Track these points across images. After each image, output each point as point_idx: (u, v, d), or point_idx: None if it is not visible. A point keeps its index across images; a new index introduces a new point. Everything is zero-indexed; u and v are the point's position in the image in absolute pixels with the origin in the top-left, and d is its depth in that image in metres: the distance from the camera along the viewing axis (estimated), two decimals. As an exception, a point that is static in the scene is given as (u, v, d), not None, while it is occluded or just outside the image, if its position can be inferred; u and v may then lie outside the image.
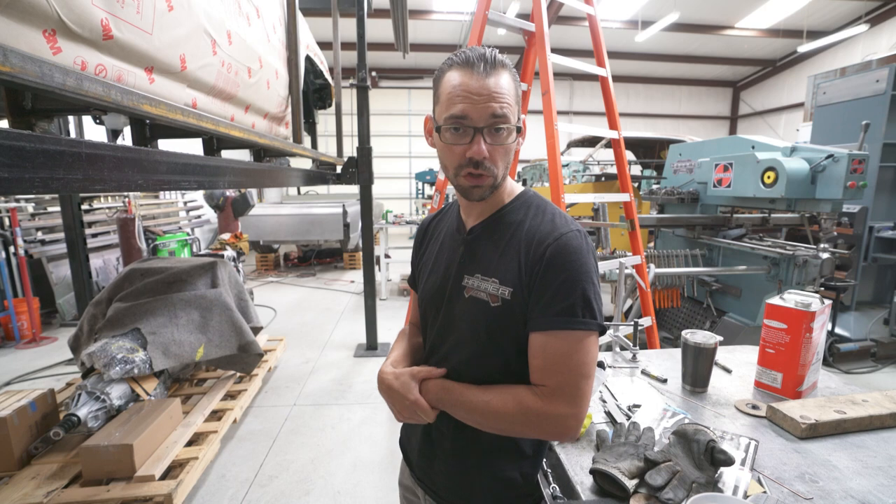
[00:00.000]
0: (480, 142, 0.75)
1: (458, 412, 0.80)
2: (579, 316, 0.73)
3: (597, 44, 2.68)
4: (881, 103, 3.82)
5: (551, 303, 0.74)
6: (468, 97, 0.74)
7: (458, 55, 0.77)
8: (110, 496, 1.88)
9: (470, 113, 0.74)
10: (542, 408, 0.73)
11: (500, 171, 0.80)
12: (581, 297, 0.74)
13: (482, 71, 0.74)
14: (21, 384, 3.48)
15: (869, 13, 9.96)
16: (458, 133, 0.76)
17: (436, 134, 0.80)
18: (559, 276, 0.74)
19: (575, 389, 0.73)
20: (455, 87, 0.75)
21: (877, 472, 0.86)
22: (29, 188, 0.86)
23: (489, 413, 0.76)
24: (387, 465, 2.49)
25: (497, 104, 0.74)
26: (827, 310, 1.20)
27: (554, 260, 0.75)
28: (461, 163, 0.77)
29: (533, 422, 0.74)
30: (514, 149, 0.81)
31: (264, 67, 2.21)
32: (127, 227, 4.99)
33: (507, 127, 0.76)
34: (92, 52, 1.13)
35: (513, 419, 0.75)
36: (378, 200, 9.55)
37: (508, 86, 0.76)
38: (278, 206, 8.02)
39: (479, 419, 0.78)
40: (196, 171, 1.53)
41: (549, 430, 0.75)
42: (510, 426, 0.76)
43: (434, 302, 0.90)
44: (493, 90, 0.74)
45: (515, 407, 0.74)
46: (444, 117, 0.77)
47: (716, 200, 3.54)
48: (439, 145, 0.81)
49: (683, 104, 15.09)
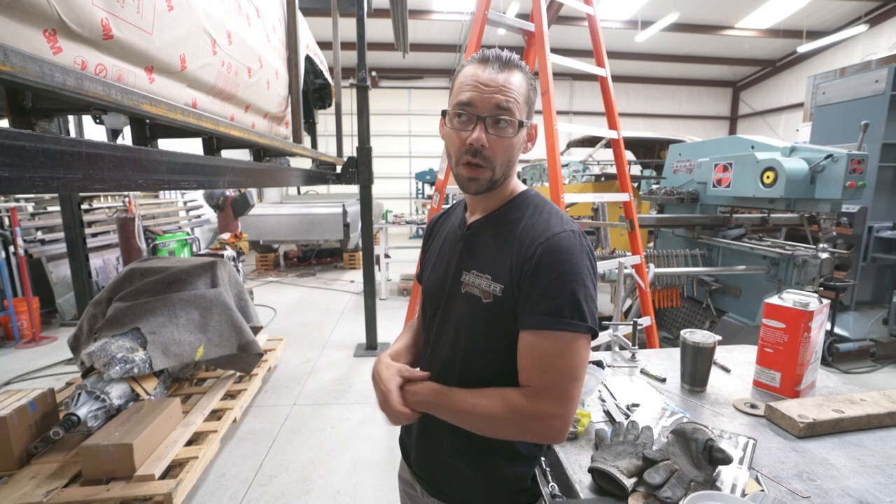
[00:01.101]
0: (481, 130, 0.77)
1: (447, 414, 0.80)
2: (567, 317, 0.72)
3: (596, 44, 2.69)
4: (880, 103, 3.83)
5: (539, 302, 0.74)
6: (476, 87, 0.77)
7: (479, 53, 0.81)
8: (110, 495, 1.88)
9: (475, 101, 0.77)
10: (526, 407, 0.73)
11: (499, 167, 0.80)
12: (569, 297, 0.73)
13: (495, 67, 0.78)
14: (21, 384, 3.48)
15: (868, 13, 9.96)
16: (462, 120, 0.79)
17: (444, 120, 0.83)
18: (548, 276, 0.74)
19: (561, 391, 0.73)
20: (467, 77, 0.79)
21: (874, 471, 0.87)
22: (29, 187, 0.86)
23: (478, 416, 0.76)
24: (386, 464, 2.50)
25: (503, 97, 0.76)
26: (825, 309, 1.20)
27: (544, 259, 0.75)
28: (462, 149, 0.80)
29: (519, 422, 0.74)
30: (518, 146, 0.82)
31: (264, 67, 2.21)
32: (127, 227, 4.99)
33: (509, 120, 0.77)
34: (92, 52, 1.14)
35: (500, 421, 0.75)
36: (378, 200, 9.55)
37: (519, 84, 0.78)
38: (278, 206, 8.02)
39: (469, 422, 0.78)
40: (196, 171, 1.53)
41: (534, 431, 0.74)
42: (498, 428, 0.76)
43: (434, 298, 0.91)
44: (501, 84, 0.77)
45: (502, 408, 0.74)
46: (452, 104, 0.81)
47: (715, 200, 3.55)
48: (446, 132, 0.84)
49: (683, 104, 15.09)
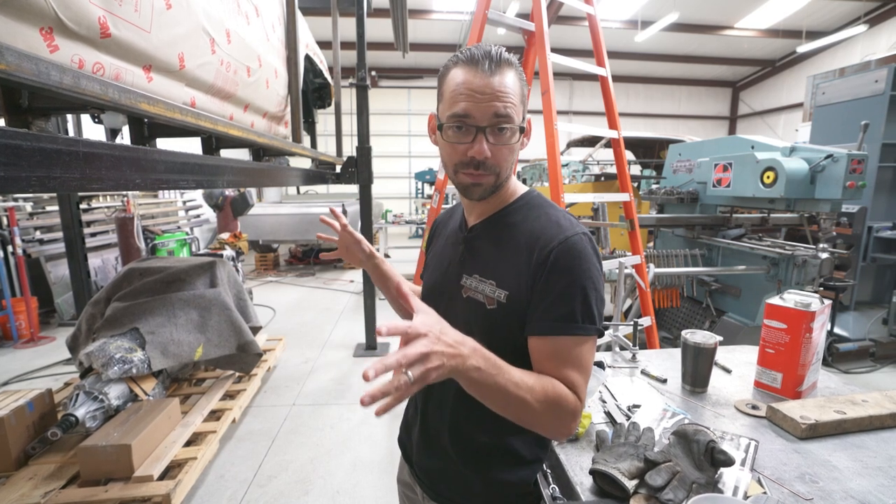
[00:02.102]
0: (482, 141, 0.73)
1: (492, 386, 0.65)
2: (579, 322, 0.72)
3: (597, 43, 2.68)
4: (880, 103, 3.83)
5: (552, 307, 0.73)
6: (471, 95, 0.72)
7: (463, 52, 0.75)
8: (108, 496, 1.87)
9: (473, 112, 0.73)
10: (571, 401, 0.70)
11: (504, 171, 0.79)
12: (582, 302, 0.73)
13: (487, 69, 0.72)
14: (19, 384, 3.47)
15: (868, 14, 9.96)
16: (460, 132, 0.75)
17: (438, 132, 0.79)
18: (562, 281, 0.73)
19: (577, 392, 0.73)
20: (458, 84, 0.73)
21: (877, 473, 0.86)
22: (26, 187, 0.86)
23: (529, 393, 0.67)
24: (386, 464, 2.49)
25: (501, 103, 0.72)
26: (826, 310, 1.20)
27: (558, 263, 0.73)
28: (462, 160, 0.76)
29: (555, 413, 0.69)
30: (518, 149, 0.80)
31: (263, 66, 2.20)
32: (125, 227, 4.97)
33: (510, 127, 0.74)
34: (89, 51, 1.13)
35: (541, 403, 0.68)
36: (377, 200, 9.55)
37: (513, 85, 0.74)
38: (277, 206, 8.01)
39: (514, 400, 0.67)
40: (195, 171, 1.53)
41: (562, 423, 0.71)
42: (532, 411, 0.68)
43: (432, 299, 0.90)
44: (497, 89, 0.72)
45: (551, 390, 0.69)
46: (446, 115, 0.75)
47: (715, 200, 3.55)
48: (441, 143, 0.80)
49: (683, 104, 15.10)
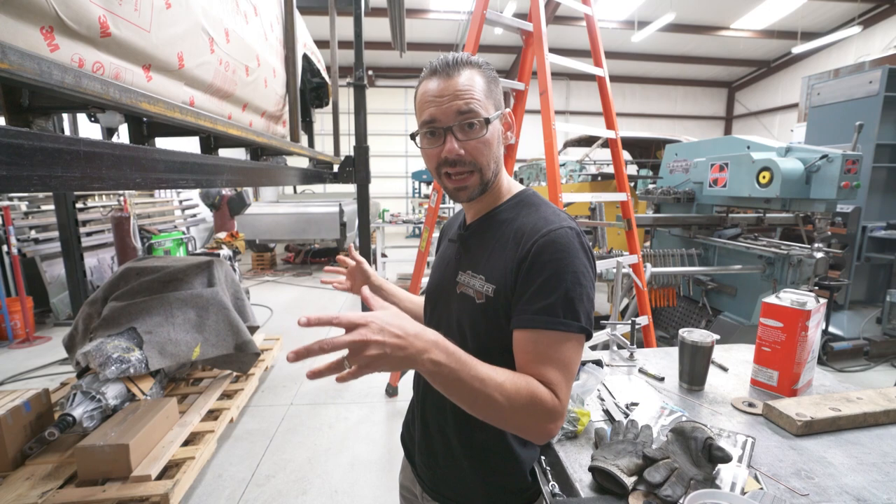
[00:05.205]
0: (452, 140, 0.76)
1: (454, 381, 0.64)
2: (560, 316, 0.70)
3: (594, 43, 2.69)
4: (874, 104, 3.85)
5: (532, 300, 0.72)
6: (434, 101, 0.76)
7: (427, 67, 0.80)
8: (106, 496, 1.86)
9: (437, 115, 0.76)
10: (550, 401, 0.68)
11: (486, 167, 0.79)
12: (563, 296, 0.71)
13: (443, 74, 0.77)
14: (15, 384, 3.45)
15: (862, 15, 10.04)
16: (433, 137, 0.79)
17: (416, 142, 0.83)
18: (542, 274, 0.72)
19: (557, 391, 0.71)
20: (423, 94, 0.78)
21: (871, 469, 0.88)
22: (27, 186, 0.86)
23: (490, 388, 0.65)
24: (384, 464, 2.49)
25: (461, 101, 0.75)
26: (822, 308, 1.21)
27: (539, 256, 0.73)
28: (439, 163, 0.79)
29: (531, 413, 0.67)
30: (497, 141, 0.80)
31: (262, 66, 2.20)
32: (122, 226, 4.95)
33: (477, 121, 0.76)
34: (90, 50, 1.13)
35: (515, 403, 0.66)
36: (375, 199, 9.54)
37: (472, 81, 0.76)
38: (274, 205, 8.00)
39: (474, 394, 0.65)
40: (194, 170, 1.53)
41: (539, 424, 0.69)
42: (504, 411, 0.66)
43: (432, 297, 0.92)
44: (456, 89, 0.75)
45: (524, 389, 0.67)
46: (419, 126, 0.80)
47: (711, 200, 3.57)
48: (422, 153, 0.83)
49: (679, 104, 15.16)
